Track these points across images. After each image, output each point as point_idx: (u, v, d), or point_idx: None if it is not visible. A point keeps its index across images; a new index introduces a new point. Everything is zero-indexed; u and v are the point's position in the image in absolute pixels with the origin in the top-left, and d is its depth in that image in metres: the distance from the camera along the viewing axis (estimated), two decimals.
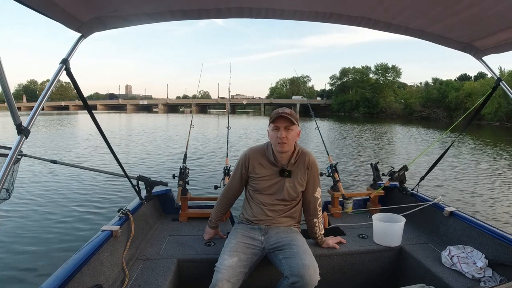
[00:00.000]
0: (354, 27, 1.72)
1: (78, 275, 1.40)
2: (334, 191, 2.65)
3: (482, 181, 7.24)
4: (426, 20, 1.60)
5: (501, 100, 29.90)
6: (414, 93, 51.63)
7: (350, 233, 2.27)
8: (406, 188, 2.64)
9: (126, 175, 2.14)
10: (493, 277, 1.68)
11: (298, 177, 1.83)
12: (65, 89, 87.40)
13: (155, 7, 1.46)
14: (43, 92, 1.34)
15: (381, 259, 2.05)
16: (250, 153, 1.88)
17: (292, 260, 1.58)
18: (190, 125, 3.11)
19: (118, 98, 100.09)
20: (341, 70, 66.31)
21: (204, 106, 77.04)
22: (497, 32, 1.64)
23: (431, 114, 41.79)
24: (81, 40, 1.54)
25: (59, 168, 7.45)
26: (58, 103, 74.81)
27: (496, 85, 1.99)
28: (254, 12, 1.55)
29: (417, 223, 2.40)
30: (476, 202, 5.65)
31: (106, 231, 1.76)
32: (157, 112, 66.72)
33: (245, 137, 16.08)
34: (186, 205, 2.50)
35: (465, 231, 2.02)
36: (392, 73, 59.15)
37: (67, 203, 5.27)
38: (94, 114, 1.83)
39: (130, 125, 27.25)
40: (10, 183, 1.90)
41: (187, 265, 1.90)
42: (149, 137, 16.13)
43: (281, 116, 1.71)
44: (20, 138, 1.18)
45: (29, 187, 6.15)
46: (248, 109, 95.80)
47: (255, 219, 1.85)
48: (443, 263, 1.84)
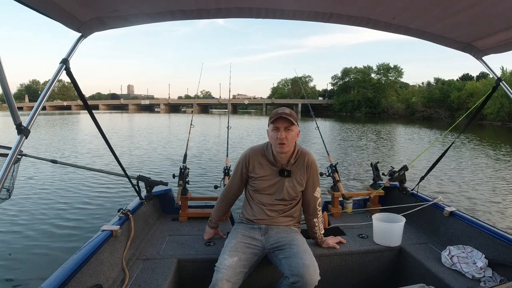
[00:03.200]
0: (355, 27, 1.72)
1: (78, 275, 1.40)
2: (334, 191, 2.65)
3: (482, 181, 7.21)
4: (426, 20, 1.60)
5: (503, 100, 29.77)
6: (416, 93, 51.42)
7: (350, 233, 2.26)
8: (406, 188, 2.64)
9: (126, 175, 2.14)
10: (493, 277, 1.68)
11: (298, 177, 1.83)
12: (67, 89, 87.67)
13: (155, 7, 1.47)
14: (43, 92, 1.34)
15: (381, 259, 2.05)
16: (250, 152, 1.88)
17: (292, 260, 1.58)
18: (190, 125, 3.12)
19: (120, 98, 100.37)
20: (343, 70, 66.25)
21: (205, 106, 77.14)
22: (497, 32, 1.64)
23: (433, 114, 41.67)
24: (81, 40, 1.54)
25: (59, 168, 7.47)
26: (60, 103, 75.16)
27: (496, 85, 1.99)
28: (254, 12, 1.55)
29: (417, 223, 2.40)
30: (477, 202, 5.62)
31: (106, 231, 1.77)
32: (159, 112, 66.77)
33: (246, 137, 16.08)
34: (186, 205, 2.51)
35: (465, 231, 2.01)
36: (394, 73, 59.05)
37: (67, 203, 5.27)
38: (94, 114, 1.83)
39: (132, 125, 27.28)
40: (10, 182, 1.91)
41: (187, 265, 1.90)
42: (149, 137, 16.14)
43: (280, 116, 1.71)
44: (20, 138, 1.19)
45: (29, 187, 6.17)
46: (250, 109, 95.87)
47: (255, 218, 1.85)
48: (443, 263, 1.84)
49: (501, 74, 2.39)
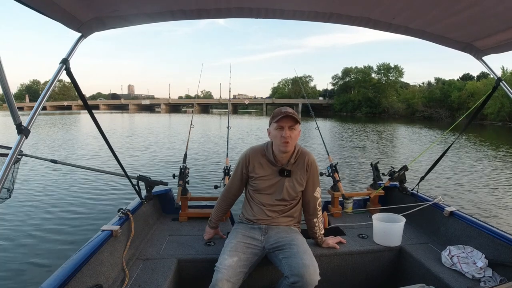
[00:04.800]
0: (355, 27, 1.72)
1: (78, 275, 1.40)
2: (334, 191, 2.65)
3: (483, 181, 7.20)
4: (426, 20, 1.60)
5: (504, 100, 29.75)
6: (417, 93, 51.35)
7: (350, 233, 2.26)
8: (406, 188, 2.64)
9: (126, 175, 2.14)
10: (493, 277, 1.68)
11: (298, 177, 1.84)
12: (68, 89, 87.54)
13: (155, 7, 1.47)
14: (43, 92, 1.35)
15: (381, 259, 2.05)
16: (250, 152, 1.88)
17: (292, 259, 1.58)
18: (190, 125, 3.12)
19: (121, 98, 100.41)
20: (343, 70, 66.16)
21: (206, 106, 77.15)
22: (497, 32, 1.63)
23: (433, 114, 41.64)
24: (81, 40, 1.55)
25: (59, 167, 7.47)
26: (60, 103, 75.14)
27: (496, 85, 1.99)
28: (254, 12, 1.55)
29: (417, 223, 2.39)
30: (477, 202, 5.62)
31: (106, 231, 1.77)
32: (159, 112, 66.79)
33: (246, 137, 16.08)
34: (186, 205, 2.51)
35: (465, 231, 2.01)
36: (394, 73, 58.95)
37: (67, 203, 5.28)
38: (95, 114, 1.83)
39: (132, 125, 27.29)
40: (10, 182, 1.90)
41: (187, 265, 1.90)
42: (149, 137, 16.15)
43: (286, 115, 1.71)
44: (20, 138, 1.19)
45: (30, 187, 6.17)
46: (250, 109, 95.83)
47: (255, 218, 1.85)
48: (443, 263, 1.84)
49: (501, 74, 2.40)
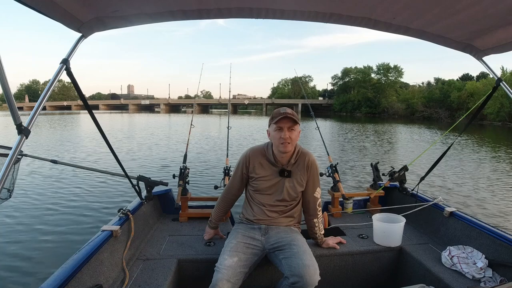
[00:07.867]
0: (355, 27, 1.72)
1: (78, 275, 1.40)
2: (334, 191, 2.65)
3: (483, 182, 7.20)
4: (426, 20, 1.60)
5: (504, 100, 29.75)
6: (416, 93, 51.35)
7: (350, 233, 2.26)
8: (406, 188, 2.64)
9: (126, 175, 2.14)
10: (493, 277, 1.68)
11: (298, 177, 1.83)
12: (68, 89, 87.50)
13: (155, 7, 1.47)
14: (43, 92, 1.34)
15: (381, 259, 2.05)
16: (250, 153, 1.88)
17: (292, 260, 1.58)
18: (191, 125, 3.12)
19: (120, 98, 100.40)
20: (343, 70, 66.15)
21: (206, 106, 77.19)
22: (497, 32, 1.63)
23: (433, 114, 41.63)
24: (82, 40, 1.55)
25: (59, 168, 7.47)
26: (60, 103, 75.18)
27: (496, 85, 1.99)
28: (254, 12, 1.55)
29: (417, 223, 2.39)
30: (477, 203, 5.62)
31: (106, 231, 1.77)
32: (159, 112, 66.77)
33: (246, 137, 16.07)
34: (186, 205, 2.51)
35: (465, 231, 2.01)
36: (394, 73, 58.96)
37: (67, 203, 5.27)
38: (94, 114, 1.83)
39: (132, 125, 27.28)
40: (10, 183, 1.90)
41: (187, 265, 1.90)
42: (150, 137, 16.13)
43: (285, 116, 1.71)
44: (20, 138, 1.19)
45: (30, 187, 6.17)
46: (250, 109, 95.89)
47: (255, 219, 1.85)
48: (443, 263, 1.84)
49: (501, 74, 2.39)
